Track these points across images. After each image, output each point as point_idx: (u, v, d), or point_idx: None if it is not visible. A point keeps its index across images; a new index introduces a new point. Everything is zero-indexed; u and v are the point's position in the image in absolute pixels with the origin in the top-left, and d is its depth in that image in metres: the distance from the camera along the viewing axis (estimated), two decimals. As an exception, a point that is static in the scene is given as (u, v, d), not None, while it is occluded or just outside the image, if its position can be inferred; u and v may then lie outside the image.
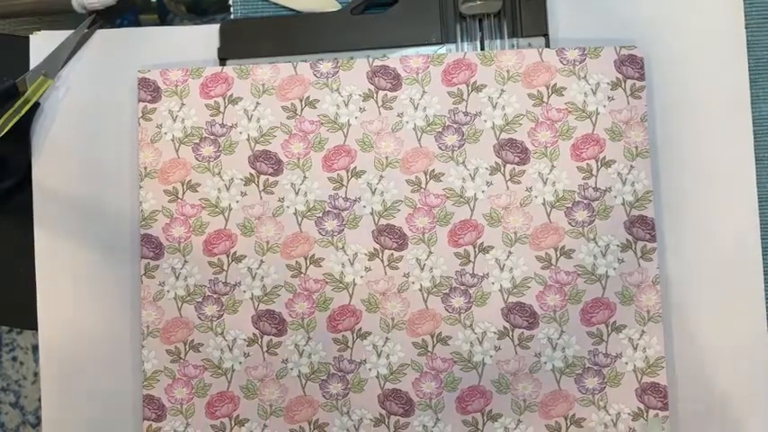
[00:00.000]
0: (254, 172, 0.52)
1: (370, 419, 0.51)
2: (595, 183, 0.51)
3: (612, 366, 0.51)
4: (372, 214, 0.52)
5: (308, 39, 0.54)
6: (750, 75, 0.53)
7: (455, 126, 0.52)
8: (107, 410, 0.53)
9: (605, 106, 0.51)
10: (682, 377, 0.52)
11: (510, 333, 0.51)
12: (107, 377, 0.53)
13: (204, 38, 0.54)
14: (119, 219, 0.54)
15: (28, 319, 0.54)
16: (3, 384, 0.55)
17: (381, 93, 0.52)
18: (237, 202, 0.52)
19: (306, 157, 0.52)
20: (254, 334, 0.51)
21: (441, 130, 0.52)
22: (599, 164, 0.51)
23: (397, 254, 0.51)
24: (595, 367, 0.51)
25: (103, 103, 0.55)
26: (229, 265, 0.52)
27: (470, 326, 0.51)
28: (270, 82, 0.53)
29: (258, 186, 0.52)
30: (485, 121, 0.52)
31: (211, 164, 0.53)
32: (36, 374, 0.54)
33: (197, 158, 0.53)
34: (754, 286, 0.52)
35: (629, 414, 0.50)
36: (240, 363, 0.51)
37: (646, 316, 0.50)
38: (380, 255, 0.52)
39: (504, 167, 0.52)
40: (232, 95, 0.53)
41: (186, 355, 0.52)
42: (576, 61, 0.51)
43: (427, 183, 0.52)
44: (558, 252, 0.51)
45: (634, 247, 0.51)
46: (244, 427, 0.51)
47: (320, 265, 0.52)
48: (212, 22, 0.56)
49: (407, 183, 0.52)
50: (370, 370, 0.51)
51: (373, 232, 0.52)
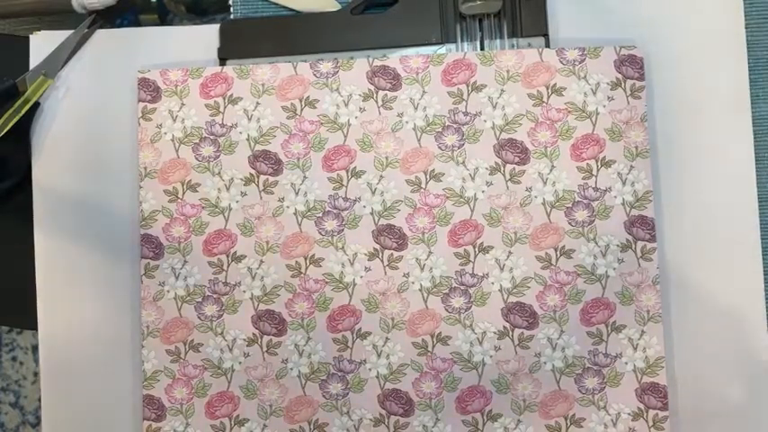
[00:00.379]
0: (253, 172, 0.52)
1: (370, 419, 0.51)
2: (595, 183, 0.51)
3: (612, 366, 0.51)
4: (372, 214, 0.52)
5: (308, 39, 0.54)
6: (750, 75, 0.53)
7: (455, 126, 0.52)
8: (107, 410, 0.53)
9: (605, 106, 0.51)
10: (681, 377, 0.52)
11: (510, 333, 0.51)
12: (107, 377, 0.53)
13: (204, 38, 0.54)
14: (119, 219, 0.54)
15: (28, 319, 0.54)
16: (3, 384, 0.55)
17: (381, 93, 0.52)
18: (237, 202, 0.52)
19: (306, 157, 0.52)
20: (253, 334, 0.51)
21: (440, 130, 0.52)
22: (599, 164, 0.51)
23: (396, 254, 0.52)
24: (595, 367, 0.51)
25: (103, 103, 0.55)
26: (229, 265, 0.52)
27: (470, 326, 0.51)
28: (270, 82, 0.53)
29: (258, 186, 0.52)
30: (485, 121, 0.52)
31: (211, 164, 0.53)
32: (36, 374, 0.54)
33: (197, 158, 0.53)
34: (754, 286, 0.52)
35: (628, 414, 0.50)
36: (240, 363, 0.51)
37: (645, 316, 0.50)
38: (380, 255, 0.52)
39: (504, 167, 0.52)
40: (232, 95, 0.53)
41: (186, 355, 0.52)
42: (576, 61, 0.51)
43: (427, 183, 0.52)
44: (558, 252, 0.51)
45: (634, 247, 0.51)
46: (244, 427, 0.51)
47: (320, 265, 0.52)
48: (212, 22, 0.56)
49: (407, 183, 0.52)
50: (370, 370, 0.51)
51: (373, 232, 0.52)
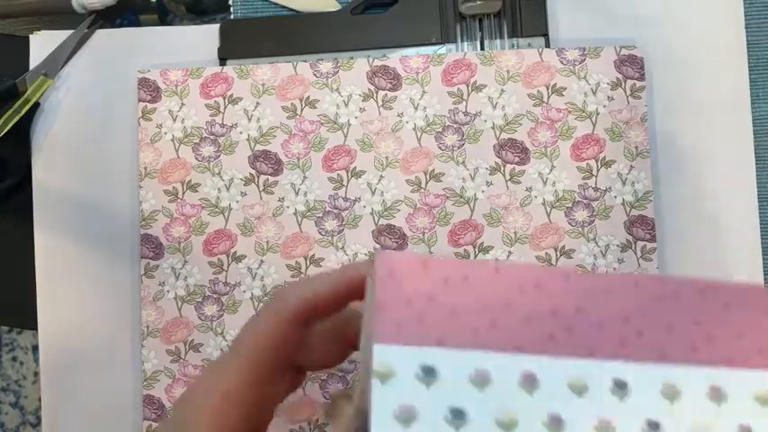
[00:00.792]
0: (254, 172, 0.52)
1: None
2: (595, 183, 0.51)
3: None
4: (372, 214, 0.52)
5: (308, 39, 0.54)
6: (750, 75, 0.53)
7: (455, 126, 0.52)
8: (107, 410, 0.53)
9: (605, 106, 0.51)
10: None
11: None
12: (107, 377, 0.53)
13: (204, 38, 0.54)
14: (119, 219, 0.54)
15: (28, 319, 0.54)
16: (3, 384, 0.55)
17: (381, 93, 0.52)
18: (237, 202, 0.52)
19: (306, 157, 0.52)
20: None
21: (441, 129, 0.52)
22: (599, 164, 0.51)
23: (397, 254, 0.51)
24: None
25: (103, 103, 0.54)
26: (229, 265, 0.52)
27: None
28: (270, 82, 0.53)
29: (258, 186, 0.52)
30: (485, 121, 0.52)
31: (211, 164, 0.53)
32: (36, 374, 0.54)
33: (197, 158, 0.53)
34: (754, 286, 0.52)
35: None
36: None
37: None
38: (380, 255, 0.52)
39: (504, 167, 0.52)
40: (232, 95, 0.53)
41: (186, 355, 0.52)
42: (576, 61, 0.51)
43: (427, 183, 0.52)
44: (558, 252, 0.51)
45: (634, 247, 0.51)
46: None
47: (320, 265, 0.52)
48: (212, 22, 0.55)
49: (407, 183, 0.52)
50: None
51: (373, 232, 0.52)
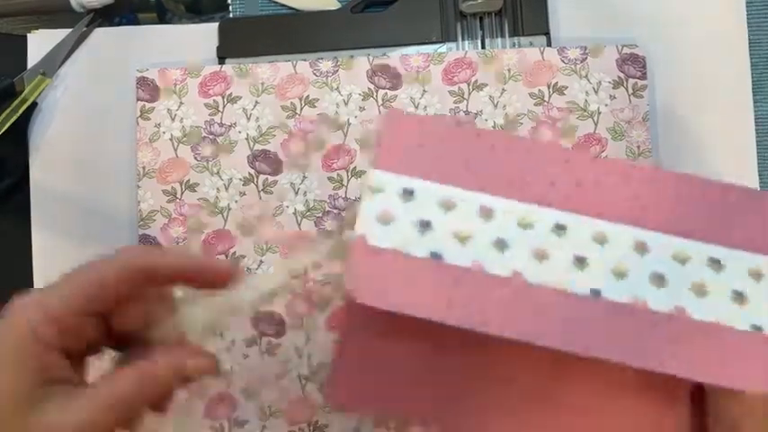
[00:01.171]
0: (253, 171, 0.52)
1: None
2: (597, 182, 0.51)
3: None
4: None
5: (307, 37, 0.54)
6: (752, 74, 0.53)
7: (456, 125, 0.52)
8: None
9: (607, 105, 0.51)
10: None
11: None
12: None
13: (203, 37, 0.54)
14: (117, 219, 0.53)
15: (26, 320, 0.54)
16: (1, 385, 0.55)
17: (381, 92, 0.52)
18: (236, 201, 0.52)
19: (305, 156, 0.52)
20: (253, 336, 0.51)
21: (441, 129, 0.52)
22: (600, 163, 0.51)
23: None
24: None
25: (102, 103, 0.54)
26: (228, 265, 0.52)
27: None
28: (269, 81, 0.52)
29: (257, 186, 0.52)
30: (486, 121, 0.51)
31: (210, 163, 0.52)
32: (35, 375, 0.54)
33: (196, 158, 0.52)
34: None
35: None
36: (239, 364, 0.51)
37: None
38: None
39: None
40: (231, 94, 0.52)
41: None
42: (578, 60, 0.51)
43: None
44: None
45: None
46: (243, 429, 0.51)
47: (320, 266, 0.51)
48: (211, 20, 0.55)
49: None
50: None
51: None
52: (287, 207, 0.52)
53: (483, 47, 0.53)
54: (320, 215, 0.52)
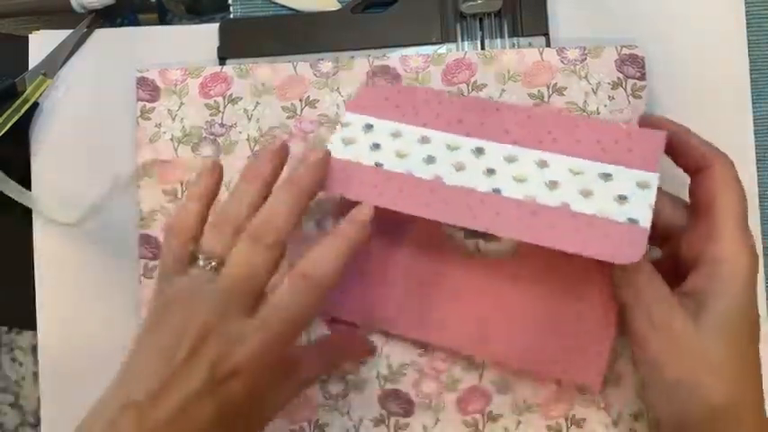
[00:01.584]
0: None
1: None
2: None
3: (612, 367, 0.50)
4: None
5: (307, 38, 0.54)
6: (751, 74, 0.53)
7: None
8: (106, 411, 0.53)
9: (606, 106, 0.51)
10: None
11: None
12: (107, 377, 0.53)
13: (204, 37, 0.54)
14: (119, 219, 0.54)
15: (27, 320, 0.54)
16: (2, 385, 0.56)
17: (381, 92, 0.52)
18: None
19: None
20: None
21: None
22: (600, 163, 0.51)
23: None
24: None
25: (103, 103, 0.54)
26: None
27: None
28: (270, 81, 0.52)
29: None
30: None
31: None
32: (35, 375, 0.54)
33: (196, 158, 0.52)
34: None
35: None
36: None
37: None
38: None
39: None
40: (232, 95, 0.52)
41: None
42: (577, 61, 0.51)
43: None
44: None
45: None
46: None
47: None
48: (211, 21, 0.55)
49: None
50: (370, 370, 0.51)
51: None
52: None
53: (482, 48, 0.53)
54: (319, 217, 0.52)
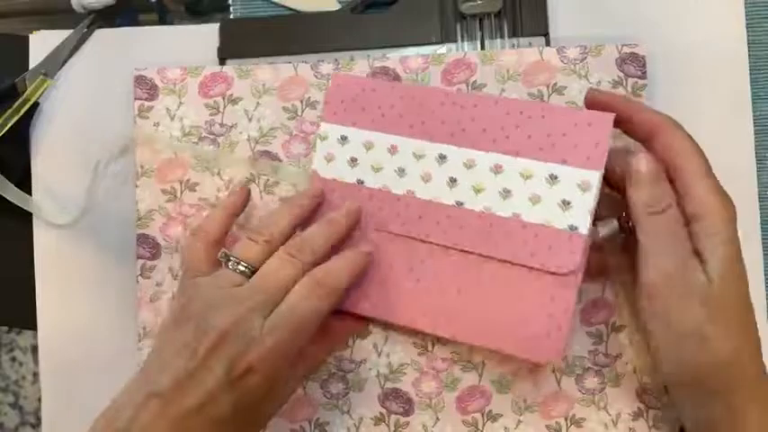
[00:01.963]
0: (254, 172, 0.52)
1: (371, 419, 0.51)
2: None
3: (613, 366, 0.50)
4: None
5: (307, 38, 0.54)
6: (751, 74, 0.53)
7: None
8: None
9: (606, 105, 0.51)
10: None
11: None
12: (106, 377, 0.53)
13: (204, 38, 0.54)
14: (118, 219, 0.54)
15: (28, 319, 0.54)
16: (2, 385, 0.56)
17: (381, 92, 0.52)
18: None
19: (306, 157, 0.52)
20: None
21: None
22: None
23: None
24: (596, 367, 0.50)
25: (103, 103, 0.54)
26: (229, 265, 0.52)
27: None
28: (270, 82, 0.52)
29: (258, 186, 0.52)
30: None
31: (211, 163, 0.52)
32: (36, 374, 0.54)
33: (195, 158, 0.52)
34: (754, 286, 0.51)
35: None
36: None
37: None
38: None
39: None
40: (232, 95, 0.52)
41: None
42: (577, 60, 0.51)
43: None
44: None
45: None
46: None
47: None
48: (212, 21, 0.55)
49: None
50: (370, 370, 0.51)
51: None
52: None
53: (482, 48, 0.53)
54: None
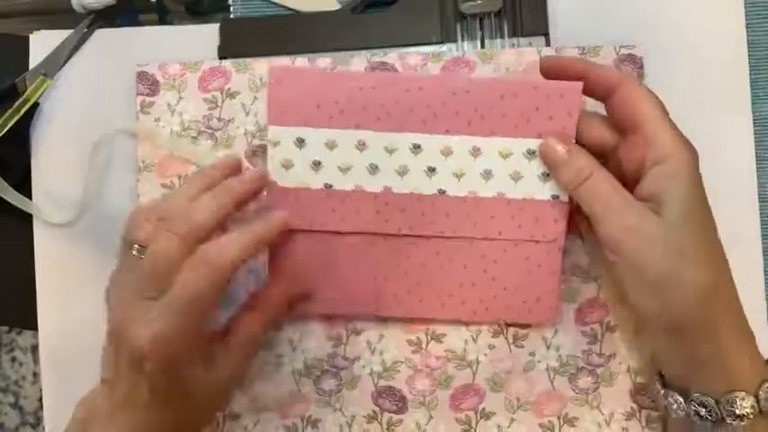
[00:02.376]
0: (251, 167, 0.52)
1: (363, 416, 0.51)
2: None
3: (606, 366, 0.50)
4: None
5: (308, 38, 0.54)
6: (750, 75, 0.53)
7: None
8: (104, 410, 0.53)
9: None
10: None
11: (504, 332, 0.51)
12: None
13: (204, 37, 0.54)
14: (119, 218, 0.53)
15: (28, 319, 0.54)
16: (2, 385, 0.56)
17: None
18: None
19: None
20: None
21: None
22: (599, 162, 0.51)
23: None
24: (589, 367, 0.50)
25: (103, 103, 0.54)
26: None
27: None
28: (267, 76, 0.52)
29: None
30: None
31: (205, 161, 0.52)
32: (36, 375, 0.54)
33: (190, 155, 0.52)
34: (754, 286, 0.51)
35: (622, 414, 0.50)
36: None
37: None
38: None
39: None
40: (230, 89, 0.53)
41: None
42: (576, 59, 0.51)
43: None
44: None
45: None
46: (236, 422, 0.51)
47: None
48: (212, 21, 0.55)
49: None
50: (363, 367, 0.51)
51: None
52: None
53: (482, 48, 0.53)
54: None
